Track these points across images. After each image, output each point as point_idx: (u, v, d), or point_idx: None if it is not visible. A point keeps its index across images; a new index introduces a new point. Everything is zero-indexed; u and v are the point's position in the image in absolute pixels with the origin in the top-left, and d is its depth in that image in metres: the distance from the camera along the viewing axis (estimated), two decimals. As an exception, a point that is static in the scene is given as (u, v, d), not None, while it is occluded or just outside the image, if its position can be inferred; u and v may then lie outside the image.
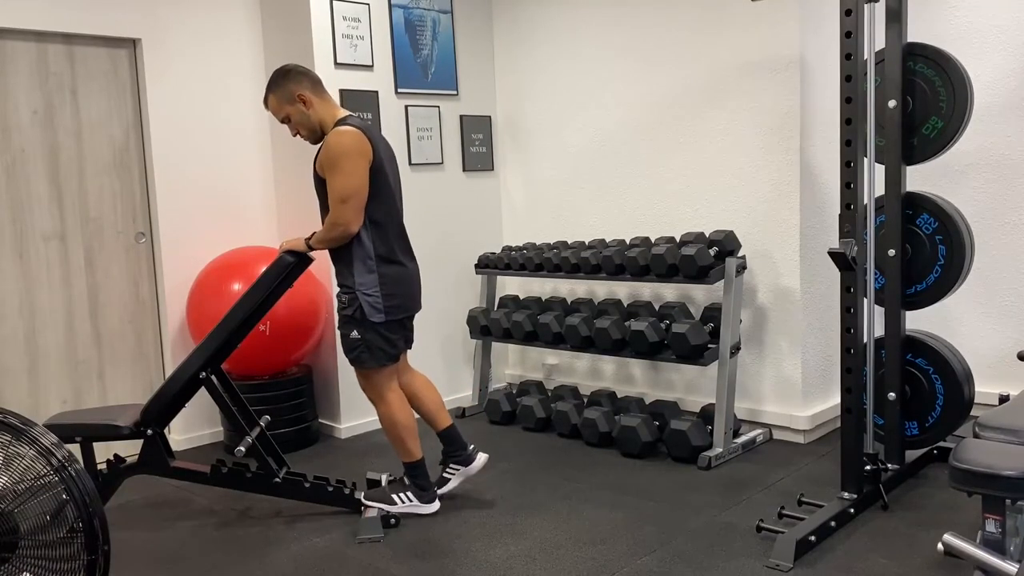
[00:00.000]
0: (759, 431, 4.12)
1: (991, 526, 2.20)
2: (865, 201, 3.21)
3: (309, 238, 3.25)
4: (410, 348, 3.47)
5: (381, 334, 3.24)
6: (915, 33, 3.58)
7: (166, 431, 3.44)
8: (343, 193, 3.10)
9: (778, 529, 2.98)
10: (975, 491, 2.17)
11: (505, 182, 5.32)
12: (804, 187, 3.99)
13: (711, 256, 3.91)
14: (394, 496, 3.39)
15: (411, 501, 3.39)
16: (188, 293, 4.37)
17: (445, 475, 3.50)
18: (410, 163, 4.74)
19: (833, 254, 3.08)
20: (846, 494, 3.20)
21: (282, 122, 3.30)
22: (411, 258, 3.36)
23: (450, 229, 5.00)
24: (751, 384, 4.24)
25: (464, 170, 5.10)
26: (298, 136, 3.31)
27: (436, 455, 3.57)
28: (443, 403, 3.56)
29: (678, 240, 4.17)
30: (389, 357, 3.29)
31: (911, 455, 3.59)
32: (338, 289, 3.28)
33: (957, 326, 4.25)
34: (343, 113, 3.27)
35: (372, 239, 3.19)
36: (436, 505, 3.43)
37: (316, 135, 3.24)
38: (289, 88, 3.22)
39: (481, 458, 3.51)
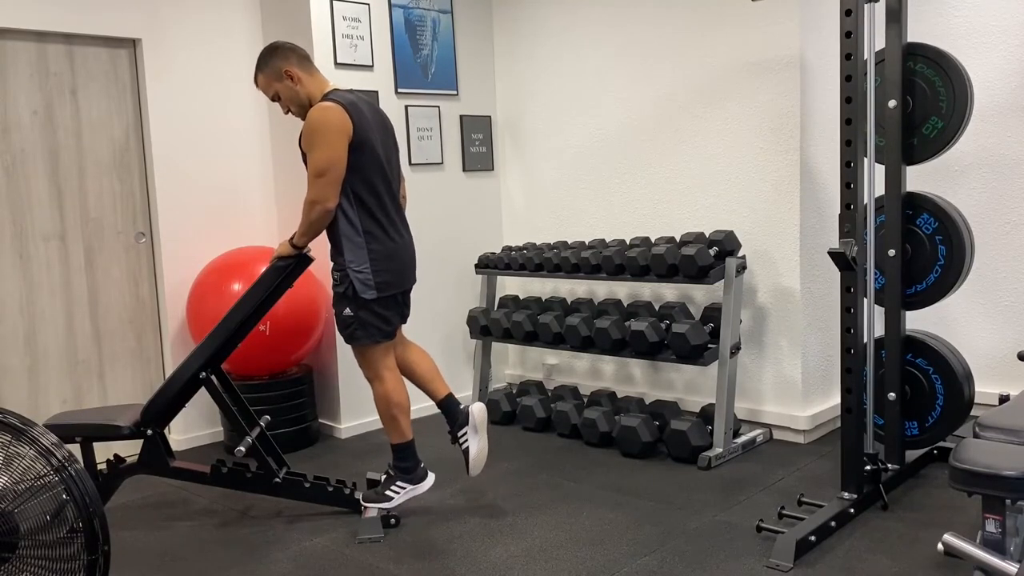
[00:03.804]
0: (759, 431, 4.12)
1: (991, 526, 2.20)
2: (865, 201, 3.21)
3: (291, 237, 3.24)
4: (405, 323, 3.44)
5: (374, 311, 3.22)
6: (915, 33, 3.58)
7: (166, 431, 3.44)
8: (318, 168, 3.08)
9: (778, 529, 2.98)
10: (975, 491, 2.17)
11: (505, 182, 5.32)
12: (804, 187, 3.99)
13: (711, 256, 3.91)
14: (387, 492, 3.36)
15: (404, 488, 3.36)
16: (188, 293, 4.37)
17: (462, 446, 3.39)
18: (410, 163, 4.74)
19: (833, 254, 3.08)
20: (846, 494, 3.20)
21: (272, 99, 3.29)
22: (401, 233, 3.31)
23: (450, 229, 5.00)
24: (751, 384, 4.24)
25: (464, 170, 5.10)
26: (289, 113, 3.29)
27: (431, 455, 3.56)
28: (438, 370, 3.50)
29: (678, 240, 4.17)
30: (383, 334, 3.27)
31: (911, 455, 3.59)
32: (332, 266, 3.27)
33: (957, 326, 4.25)
34: (330, 86, 3.25)
35: (358, 215, 3.17)
36: (430, 479, 3.42)
37: (305, 110, 3.20)
38: (276, 65, 3.21)
39: (474, 408, 3.39)
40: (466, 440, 3.37)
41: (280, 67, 3.21)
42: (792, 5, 3.89)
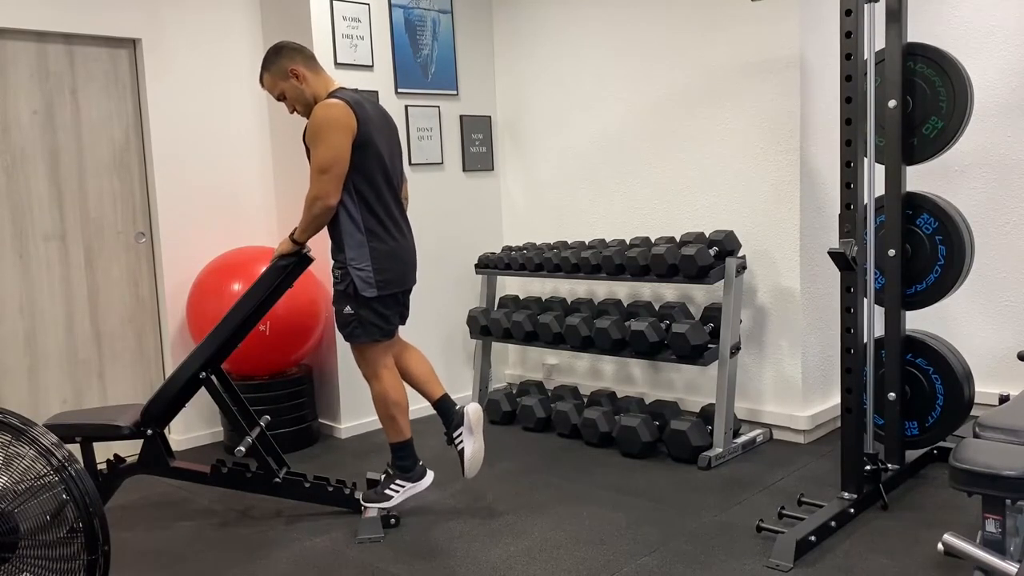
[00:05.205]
0: (759, 431, 4.12)
1: (991, 526, 2.20)
2: (865, 201, 3.21)
3: (292, 233, 3.24)
4: (404, 324, 3.44)
5: (374, 309, 3.23)
6: (915, 33, 3.58)
7: (166, 431, 3.44)
8: (322, 164, 3.09)
9: (778, 529, 2.98)
10: (975, 491, 2.17)
11: (505, 182, 5.32)
12: (804, 187, 3.99)
13: (711, 256, 3.91)
14: (387, 491, 3.37)
15: (403, 486, 3.37)
16: (188, 293, 4.37)
17: (457, 447, 3.38)
18: (410, 163, 4.73)
19: (833, 254, 3.08)
20: (846, 494, 3.20)
21: (278, 99, 3.30)
22: (403, 233, 3.32)
23: (450, 229, 5.00)
24: (751, 384, 4.24)
25: (464, 170, 5.10)
26: (295, 113, 3.30)
27: (429, 456, 3.56)
28: (434, 372, 3.50)
29: (678, 240, 4.17)
30: (383, 332, 3.28)
31: (911, 455, 3.59)
32: (332, 263, 3.28)
33: (957, 326, 4.24)
34: (336, 85, 3.27)
35: (361, 213, 3.18)
36: (429, 477, 3.42)
37: (311, 109, 3.22)
38: (282, 64, 3.23)
39: (469, 409, 3.38)
40: (461, 441, 3.37)
41: (286, 66, 3.22)
42: (792, 5, 3.89)
